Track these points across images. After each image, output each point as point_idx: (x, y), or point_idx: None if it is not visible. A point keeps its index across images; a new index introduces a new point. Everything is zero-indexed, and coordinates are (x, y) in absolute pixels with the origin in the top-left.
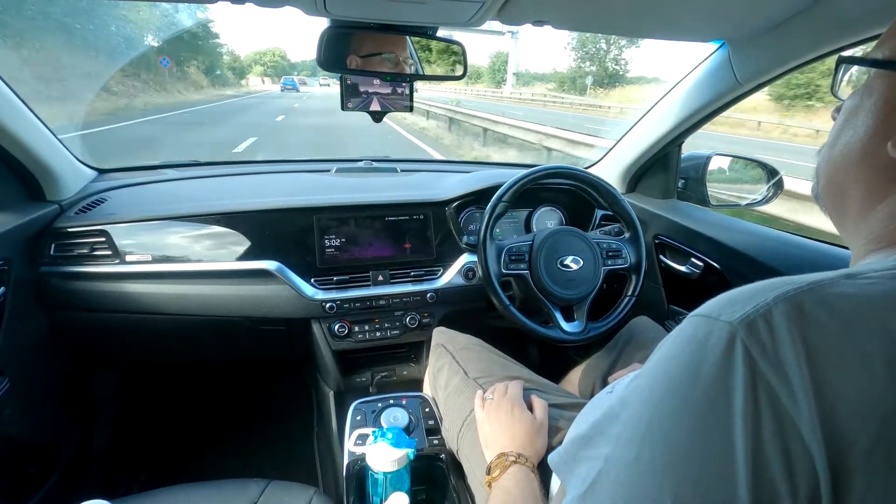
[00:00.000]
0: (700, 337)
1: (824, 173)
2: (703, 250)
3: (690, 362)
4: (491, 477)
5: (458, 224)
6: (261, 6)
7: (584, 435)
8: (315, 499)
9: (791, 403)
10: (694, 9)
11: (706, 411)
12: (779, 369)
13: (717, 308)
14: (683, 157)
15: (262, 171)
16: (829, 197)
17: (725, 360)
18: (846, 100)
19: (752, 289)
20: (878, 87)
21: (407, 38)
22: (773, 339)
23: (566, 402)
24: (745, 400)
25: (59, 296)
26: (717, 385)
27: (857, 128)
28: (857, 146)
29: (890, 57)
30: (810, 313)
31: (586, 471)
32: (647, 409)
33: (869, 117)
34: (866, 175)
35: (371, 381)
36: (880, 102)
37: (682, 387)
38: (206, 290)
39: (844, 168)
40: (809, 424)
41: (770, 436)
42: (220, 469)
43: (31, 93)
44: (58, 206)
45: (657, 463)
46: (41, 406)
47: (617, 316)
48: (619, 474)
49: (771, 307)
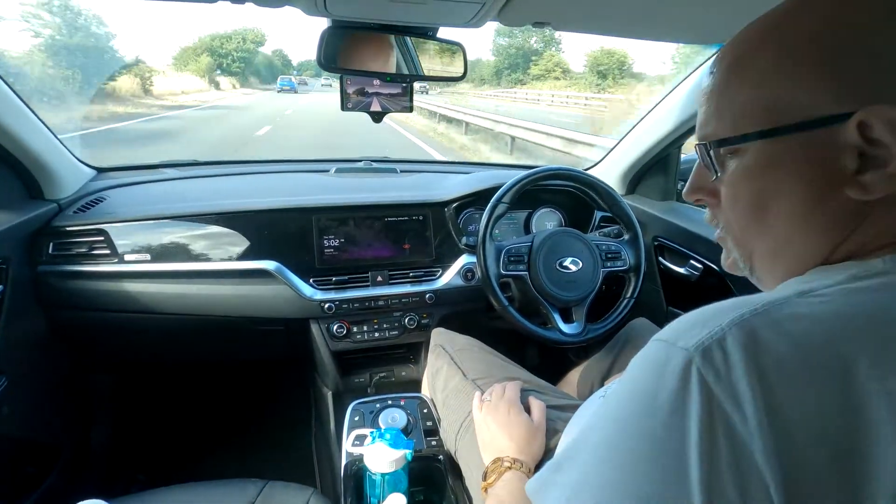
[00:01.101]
0: (659, 362)
1: (761, 254)
2: (702, 252)
3: (649, 388)
4: (487, 483)
5: (458, 225)
6: (261, 6)
7: (556, 461)
8: (313, 499)
9: (745, 430)
10: (695, 11)
11: (662, 437)
12: (733, 396)
13: (676, 333)
14: (683, 158)
15: (261, 170)
16: (773, 267)
17: (681, 387)
18: (730, 176)
19: (709, 312)
20: (783, 152)
21: (406, 40)
22: (727, 365)
23: (564, 403)
24: (700, 427)
25: (57, 295)
26: (674, 412)
27: (787, 197)
28: (798, 211)
29: (783, 122)
30: (763, 338)
31: (555, 498)
32: (610, 433)
33: (798, 182)
34: (819, 229)
35: (369, 382)
36: (804, 162)
37: (641, 413)
38: (205, 290)
39: (788, 235)
40: (763, 451)
41: (725, 463)
42: (218, 469)
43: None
44: (56, 205)
45: (617, 489)
46: (39, 405)
47: (616, 318)
48: (584, 500)
49: (725, 332)
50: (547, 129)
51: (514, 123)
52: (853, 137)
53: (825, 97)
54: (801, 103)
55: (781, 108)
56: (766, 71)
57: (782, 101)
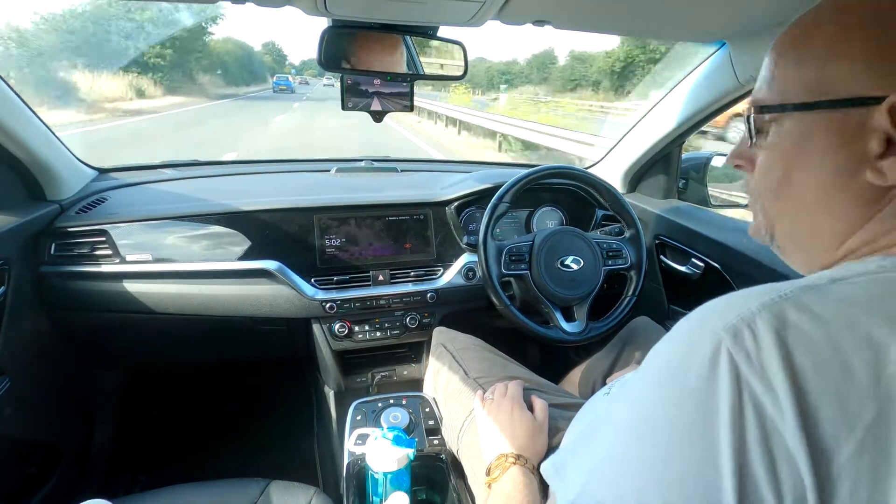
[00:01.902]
0: (687, 344)
1: (782, 222)
2: (703, 250)
3: (677, 370)
4: (491, 478)
5: (459, 224)
6: (261, 6)
7: (573, 442)
8: (315, 498)
9: (775, 411)
10: (695, 9)
11: (692, 418)
12: (763, 377)
13: (705, 315)
14: (684, 157)
15: (262, 170)
16: (793, 238)
17: (711, 368)
18: (766, 143)
19: (738, 296)
20: (821, 125)
21: (406, 38)
22: (757, 347)
23: (566, 402)
24: (730, 407)
25: (59, 295)
26: (703, 392)
27: (811, 171)
28: (821, 187)
29: (815, 97)
30: (793, 321)
31: (576, 478)
32: (635, 414)
33: (825, 156)
34: (839, 208)
35: (371, 381)
36: (831, 138)
37: (669, 394)
38: (207, 290)
39: (810, 210)
40: (793, 431)
41: (755, 443)
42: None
43: None
44: (58, 206)
45: (643, 470)
46: (42, 406)
47: (617, 316)
48: (607, 480)
49: (755, 315)
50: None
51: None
52: (883, 121)
53: (864, 80)
54: (841, 83)
55: (823, 85)
56: (818, 49)
57: (825, 79)
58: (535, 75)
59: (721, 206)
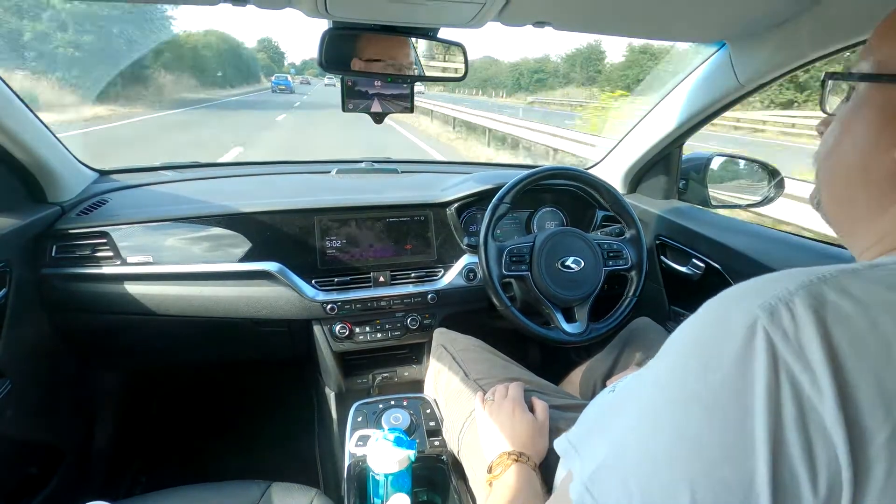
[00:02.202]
0: (721, 321)
1: (827, 184)
2: (704, 251)
3: (709, 347)
4: (493, 475)
5: (459, 225)
6: (262, 7)
7: (592, 418)
8: (316, 500)
9: (814, 391)
10: (695, 9)
11: (724, 396)
12: (801, 356)
13: (738, 294)
14: (684, 157)
15: (262, 172)
16: (834, 206)
17: (746, 346)
18: (836, 110)
19: (773, 277)
20: (871, 99)
21: (409, 39)
22: (795, 326)
23: (567, 403)
24: (767, 385)
25: (60, 297)
26: (737, 370)
27: (856, 139)
28: (858, 157)
29: (879, 70)
30: (833, 302)
31: (594, 453)
32: (663, 392)
33: (868, 128)
34: (873, 183)
35: (372, 383)
36: (876, 113)
37: (700, 371)
38: (208, 292)
39: (849, 178)
40: (832, 412)
41: (791, 422)
42: (221, 470)
43: None
44: (59, 208)
45: (671, 448)
46: (43, 407)
47: (618, 317)
48: (631, 459)
49: (793, 294)
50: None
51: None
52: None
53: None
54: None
55: (888, 62)
56: (890, 27)
57: (892, 57)
58: (577, 74)
59: (721, 206)
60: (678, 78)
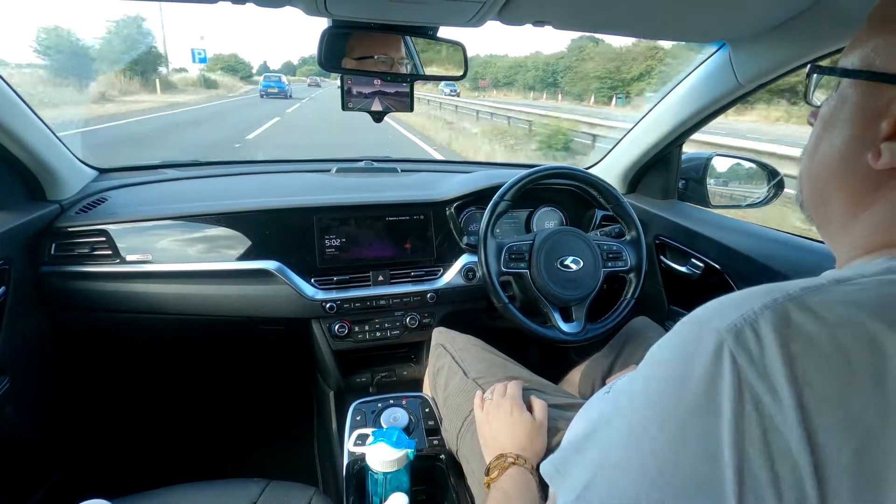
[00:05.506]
0: (689, 344)
1: (807, 183)
2: (703, 251)
3: (679, 369)
4: (490, 478)
5: (459, 224)
6: (261, 6)
7: (574, 442)
8: (315, 499)
9: (777, 412)
10: (695, 9)
11: (693, 418)
12: (765, 378)
13: (707, 315)
14: (684, 157)
15: (262, 170)
16: (812, 206)
17: (713, 368)
18: (821, 107)
19: (740, 296)
20: (851, 96)
21: (406, 37)
22: (760, 347)
23: (565, 402)
24: (732, 407)
25: (59, 295)
26: (705, 392)
27: (833, 138)
28: (836, 156)
29: (860, 66)
30: (797, 322)
31: (577, 478)
32: (636, 414)
33: (845, 127)
34: (848, 185)
35: (371, 382)
36: (855, 111)
37: (671, 393)
38: (207, 291)
39: (825, 178)
40: (796, 433)
41: (756, 443)
42: (220, 469)
43: None
44: (58, 206)
45: (643, 469)
46: (42, 405)
47: (615, 318)
48: (608, 481)
49: (758, 315)
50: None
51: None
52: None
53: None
54: (878, 59)
55: (868, 59)
56: (876, 22)
57: (871, 54)
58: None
59: (721, 206)
60: (678, 78)
